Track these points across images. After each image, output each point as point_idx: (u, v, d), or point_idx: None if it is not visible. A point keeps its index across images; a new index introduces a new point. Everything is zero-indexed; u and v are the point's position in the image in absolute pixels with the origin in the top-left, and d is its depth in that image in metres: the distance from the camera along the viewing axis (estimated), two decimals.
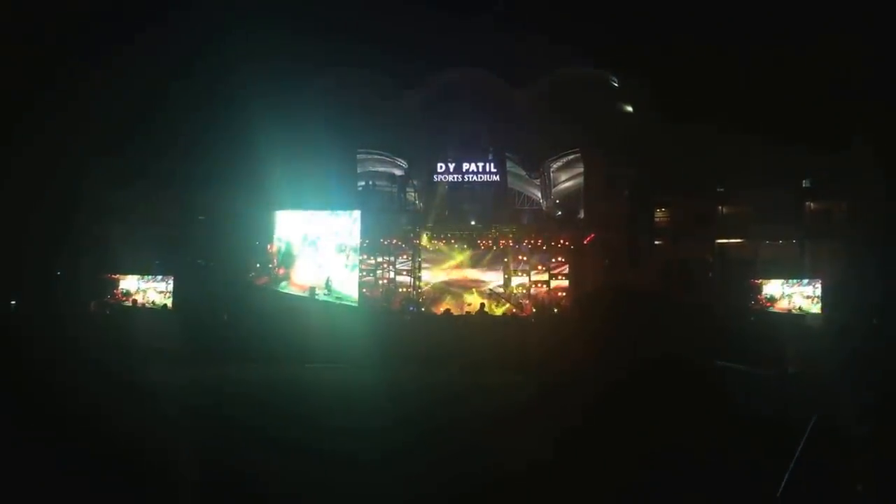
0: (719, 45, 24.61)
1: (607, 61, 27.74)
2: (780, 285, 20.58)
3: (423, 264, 24.98)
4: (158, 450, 7.06)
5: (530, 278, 24.84)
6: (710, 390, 8.54)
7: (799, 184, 26.48)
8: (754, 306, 20.40)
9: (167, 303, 19.43)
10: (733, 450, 6.66)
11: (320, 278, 21.18)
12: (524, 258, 24.89)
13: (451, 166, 27.04)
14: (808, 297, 20.21)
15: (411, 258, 25.05)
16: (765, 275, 21.16)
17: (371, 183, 28.65)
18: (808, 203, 27.03)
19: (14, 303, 19.67)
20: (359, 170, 28.05)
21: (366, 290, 23.11)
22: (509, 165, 27.70)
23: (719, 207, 27.56)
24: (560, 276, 24.70)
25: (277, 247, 21.83)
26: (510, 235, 25.45)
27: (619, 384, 7.71)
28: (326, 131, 24.26)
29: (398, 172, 28.48)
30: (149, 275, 20.39)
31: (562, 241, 25.01)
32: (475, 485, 6.17)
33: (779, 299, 20.31)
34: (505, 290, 24.66)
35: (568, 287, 24.35)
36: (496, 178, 27.23)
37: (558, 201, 29.04)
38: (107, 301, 20.04)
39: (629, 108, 28.18)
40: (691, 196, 26.78)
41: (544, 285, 24.78)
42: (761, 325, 18.35)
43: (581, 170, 27.42)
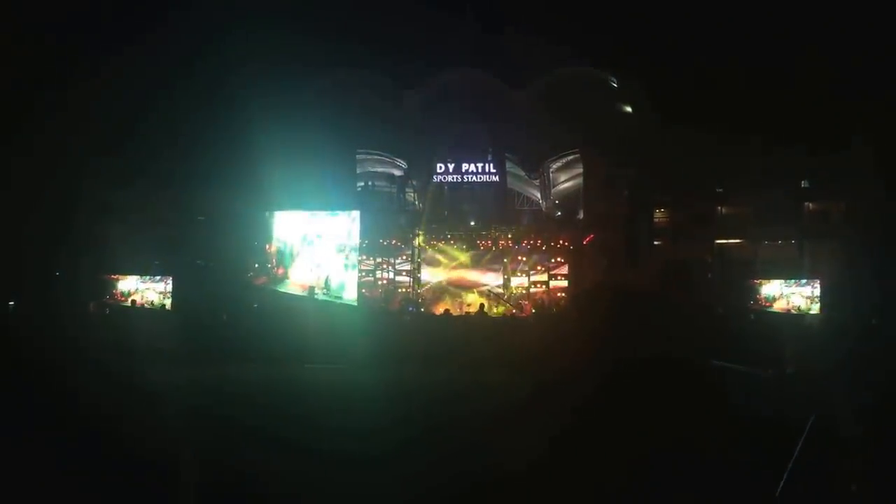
0: (718, 46, 24.65)
1: (606, 62, 27.79)
2: (779, 285, 20.59)
3: (422, 265, 24.99)
4: (157, 450, 7.07)
5: (530, 279, 24.85)
6: (708, 390, 8.55)
7: (798, 184, 26.53)
8: (753, 306, 20.40)
9: (166, 303, 19.42)
10: (732, 449, 6.67)
11: (319, 278, 21.21)
12: (523, 258, 24.91)
13: (451, 167, 27.06)
14: (807, 297, 20.22)
15: (410, 258, 25.06)
16: (764, 275, 21.17)
17: (370, 183, 28.67)
18: (806, 204, 27.07)
19: (13, 303, 19.67)
20: (358, 170, 28.06)
21: (365, 290, 23.12)
22: (509, 166, 27.71)
23: (718, 208, 27.59)
24: (559, 276, 24.72)
25: (277, 247, 21.86)
26: (509, 236, 25.47)
27: (617, 383, 7.72)
28: (326, 132, 24.29)
29: (397, 173, 28.49)
30: (148, 275, 20.39)
31: (561, 241, 25.03)
32: (474, 484, 6.18)
33: (777, 299, 20.32)
34: (504, 291, 24.67)
35: (567, 287, 24.37)
36: (495, 178, 27.26)
37: (557, 202, 29.06)
38: (106, 301, 20.04)
39: (628, 109, 28.20)
40: (690, 196, 26.83)
41: (543, 286, 24.80)
42: (760, 325, 18.36)
43: (580, 170, 27.43)
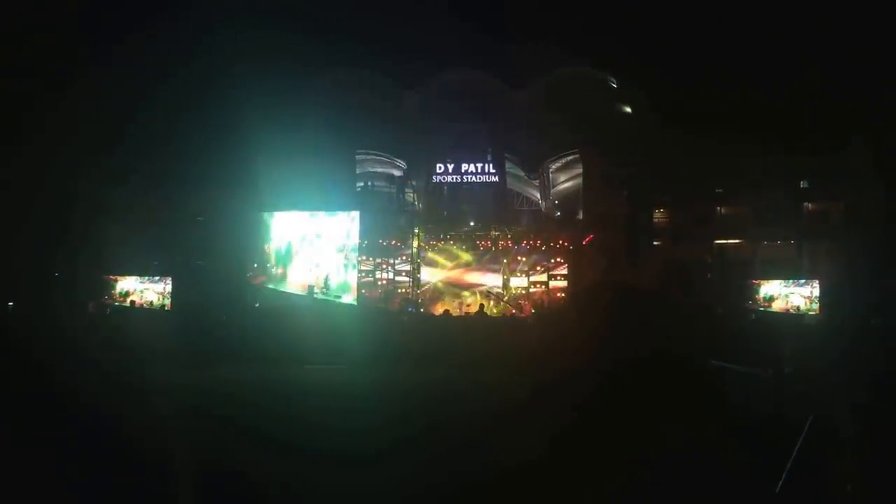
0: (718, 47, 24.67)
1: (606, 62, 27.82)
2: (778, 285, 20.58)
3: (421, 265, 24.98)
4: (155, 451, 7.07)
5: (529, 279, 24.85)
6: (708, 389, 8.55)
7: (797, 185, 26.54)
8: (751, 306, 20.40)
9: (166, 303, 19.40)
10: (731, 449, 6.68)
11: (319, 278, 21.21)
12: (523, 259, 24.90)
13: (450, 167, 27.06)
14: (806, 297, 20.21)
15: (410, 259, 25.05)
16: (763, 275, 21.17)
17: (370, 183, 28.68)
18: (805, 204, 27.08)
19: (11, 304, 19.67)
20: (358, 170, 28.07)
21: (365, 290, 23.11)
22: (508, 166, 27.71)
23: (718, 208, 27.60)
24: (558, 276, 24.71)
25: (276, 246, 21.85)
26: (509, 236, 25.46)
27: (616, 383, 7.73)
28: (326, 132, 24.31)
29: (397, 173, 28.49)
30: (147, 275, 20.38)
31: (560, 241, 25.02)
32: (473, 483, 6.18)
33: (776, 299, 20.31)
34: (504, 291, 24.66)
35: (566, 287, 24.36)
36: (495, 178, 27.26)
37: (557, 202, 29.06)
38: (104, 302, 20.03)
39: (628, 109, 28.22)
40: (690, 197, 26.84)
41: (543, 286, 24.80)
42: (759, 325, 18.36)
43: (580, 170, 27.44)
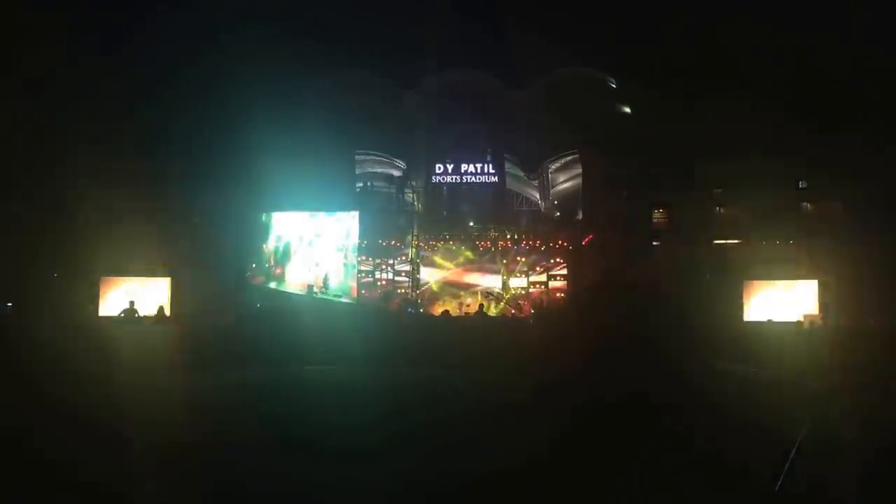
0: (717, 45, 24.63)
1: (605, 62, 27.78)
2: (778, 286, 20.58)
3: (421, 265, 25.00)
4: (154, 451, 7.07)
5: (529, 279, 24.86)
6: (708, 390, 8.56)
7: (796, 184, 26.51)
8: (750, 307, 20.42)
9: (164, 304, 19.39)
10: (731, 449, 6.68)
11: (318, 277, 21.22)
12: (522, 259, 24.92)
13: (450, 167, 27.07)
14: (805, 297, 20.21)
15: (409, 259, 25.07)
16: (762, 275, 21.15)
17: (369, 184, 28.64)
18: (805, 204, 27.04)
19: (10, 304, 19.69)
20: (357, 171, 28.04)
21: (364, 290, 23.11)
22: (508, 166, 27.71)
23: (718, 208, 27.56)
24: (558, 276, 24.73)
25: (275, 246, 21.85)
26: (508, 236, 25.47)
27: (615, 383, 7.73)
28: (325, 132, 24.27)
29: (396, 173, 28.47)
30: (146, 276, 20.40)
31: (560, 241, 25.04)
32: (472, 482, 6.17)
33: (775, 300, 20.31)
34: (503, 291, 24.67)
35: (566, 288, 24.37)
36: (494, 179, 27.25)
37: (556, 202, 29.05)
38: (103, 303, 20.04)
39: (627, 109, 28.21)
40: (690, 197, 26.80)
41: (542, 286, 24.81)
42: (757, 326, 18.37)
43: (579, 171, 27.42)
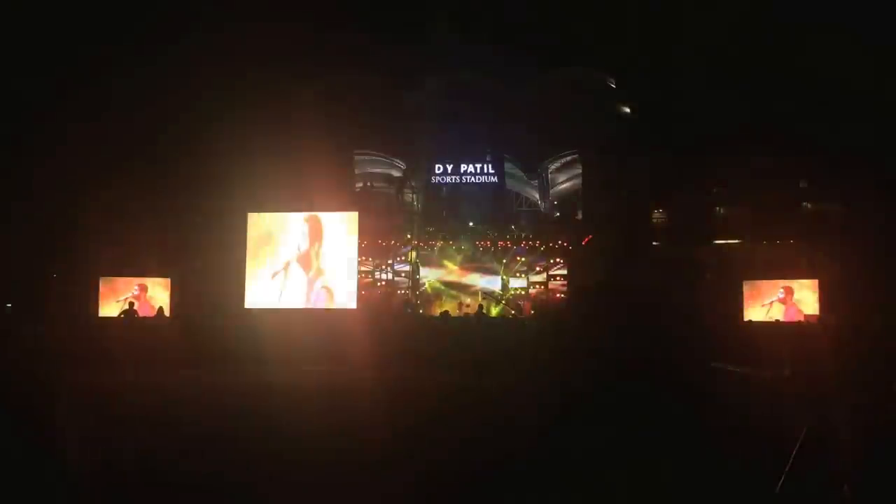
0: (717, 45, 24.62)
1: (605, 62, 27.76)
2: (778, 286, 20.55)
3: (420, 266, 24.97)
4: (153, 451, 7.06)
5: (528, 279, 24.84)
6: (708, 390, 8.54)
7: (796, 184, 26.48)
8: (750, 307, 20.39)
9: (164, 305, 19.38)
10: (731, 449, 6.66)
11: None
12: (522, 259, 24.90)
13: (449, 167, 27.06)
14: (805, 297, 20.17)
15: (409, 259, 25.04)
16: (762, 275, 21.13)
17: (369, 184, 28.64)
18: (805, 203, 27.01)
19: (9, 305, 19.69)
20: (356, 171, 28.04)
21: (363, 291, 23.07)
22: (507, 166, 27.70)
23: (717, 208, 27.54)
24: (558, 277, 24.71)
25: (274, 246, 21.76)
26: (508, 236, 25.46)
27: (615, 384, 7.72)
28: (324, 132, 24.24)
29: (396, 173, 28.46)
30: (146, 277, 20.41)
31: (560, 242, 25.02)
32: (471, 482, 6.17)
33: (775, 300, 20.28)
34: (503, 292, 24.65)
35: (566, 288, 24.35)
36: (494, 179, 27.24)
37: (556, 202, 29.04)
38: (102, 303, 20.02)
39: (627, 109, 28.20)
40: (690, 197, 26.77)
41: (542, 286, 24.79)
42: (757, 326, 18.36)
43: (579, 171, 27.41)
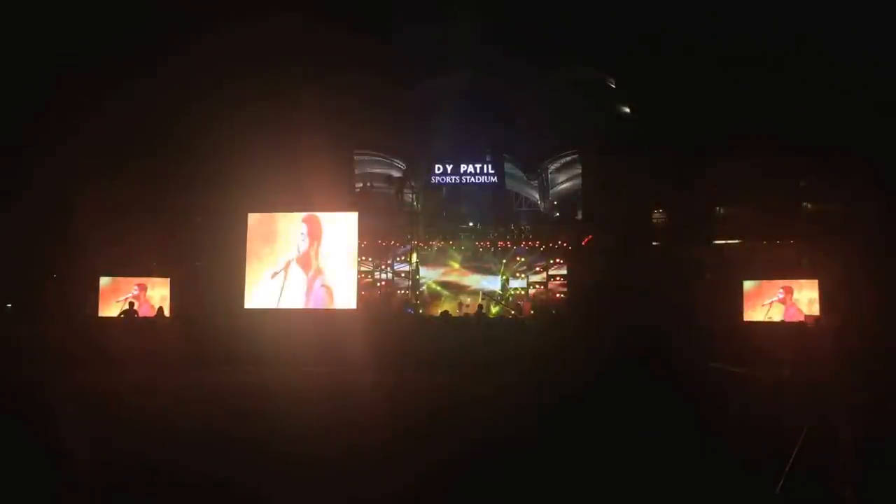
0: (717, 45, 24.63)
1: (605, 62, 27.76)
2: (777, 286, 20.52)
3: (420, 266, 24.97)
4: (153, 452, 7.06)
5: (528, 279, 24.85)
6: (708, 391, 8.54)
7: (796, 184, 26.46)
8: (750, 307, 20.37)
9: (164, 305, 19.37)
10: (731, 449, 6.66)
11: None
12: (522, 259, 24.91)
13: (449, 168, 27.07)
14: (805, 297, 20.15)
15: (408, 260, 25.05)
16: (762, 275, 21.11)
17: (369, 184, 28.65)
18: (805, 203, 27.00)
19: (9, 305, 19.69)
20: (356, 171, 28.05)
21: (363, 291, 23.06)
22: (507, 167, 27.71)
23: (717, 208, 27.53)
24: (558, 277, 24.72)
25: (274, 247, 21.74)
26: (508, 237, 25.46)
27: (615, 384, 7.72)
28: (324, 132, 24.23)
29: (396, 174, 28.48)
30: (146, 277, 20.40)
31: (559, 242, 25.02)
32: (467, 483, 6.16)
33: (775, 300, 20.27)
34: (503, 292, 24.66)
35: (566, 288, 24.36)
36: (494, 179, 27.25)
37: (556, 202, 29.04)
38: (102, 303, 20.01)
39: (627, 109, 28.21)
40: (690, 197, 26.76)
41: (542, 286, 24.80)
42: (757, 326, 18.36)
43: (579, 171, 27.42)
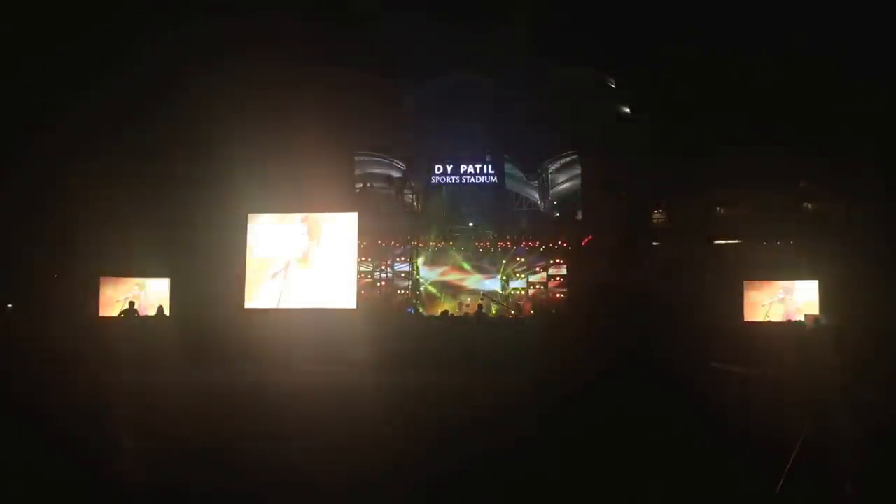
0: (717, 46, 24.63)
1: (605, 62, 27.77)
2: (777, 286, 20.56)
3: (420, 266, 24.98)
4: (152, 453, 7.06)
5: (528, 280, 24.86)
6: (708, 391, 8.53)
7: (796, 184, 26.47)
8: (750, 307, 20.39)
9: (164, 305, 19.38)
10: (731, 449, 6.66)
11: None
12: (522, 259, 24.91)
13: (449, 168, 27.08)
14: (805, 297, 20.18)
15: (409, 260, 25.05)
16: (761, 275, 21.13)
17: (369, 185, 28.65)
18: (805, 203, 27.01)
19: (10, 305, 19.70)
20: (356, 171, 28.05)
21: (363, 291, 23.07)
22: (507, 167, 27.71)
23: (717, 208, 27.53)
24: (558, 277, 24.73)
25: (273, 247, 21.74)
26: (508, 237, 25.46)
27: (614, 384, 7.71)
28: (324, 133, 24.23)
29: (396, 174, 28.48)
30: (145, 277, 20.42)
31: (560, 242, 25.03)
32: (471, 484, 6.17)
33: (775, 300, 20.29)
34: (503, 292, 24.66)
35: (566, 288, 24.37)
36: (494, 179, 27.26)
37: (556, 202, 29.04)
38: (102, 303, 20.03)
39: (627, 109, 28.21)
40: (689, 197, 26.77)
41: (542, 287, 24.80)
42: (757, 326, 18.37)
43: (579, 171, 27.43)
